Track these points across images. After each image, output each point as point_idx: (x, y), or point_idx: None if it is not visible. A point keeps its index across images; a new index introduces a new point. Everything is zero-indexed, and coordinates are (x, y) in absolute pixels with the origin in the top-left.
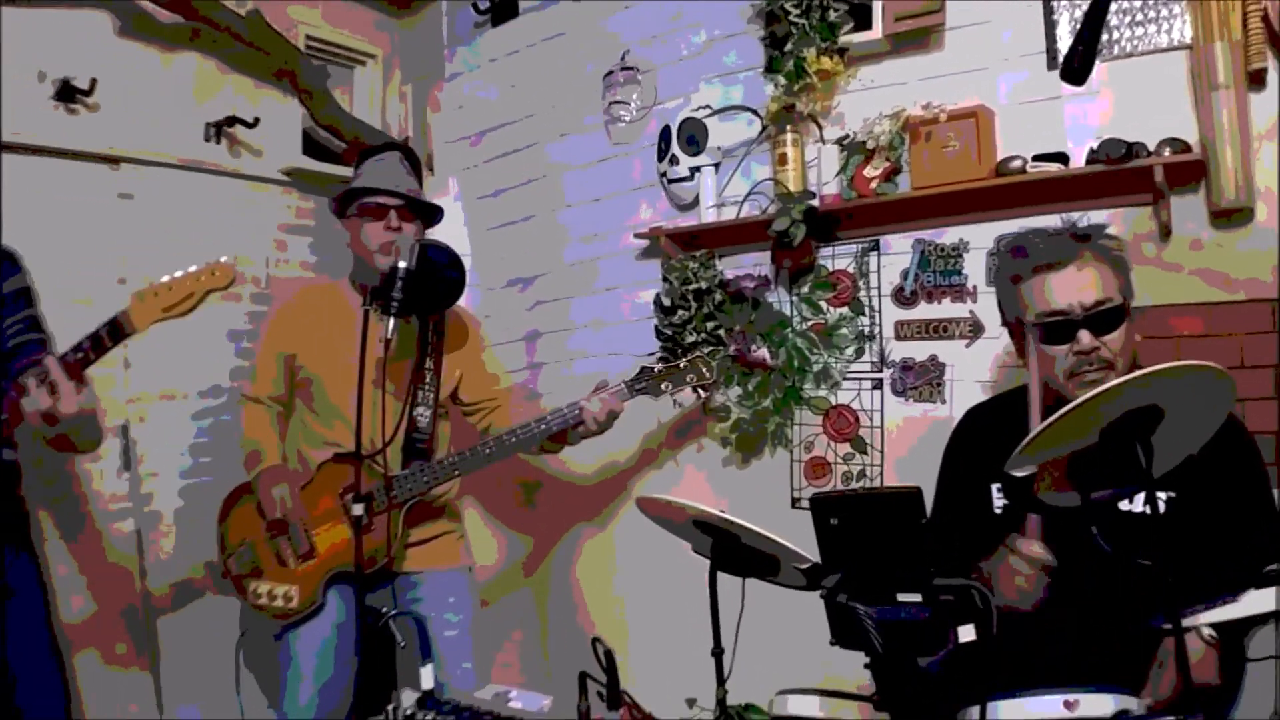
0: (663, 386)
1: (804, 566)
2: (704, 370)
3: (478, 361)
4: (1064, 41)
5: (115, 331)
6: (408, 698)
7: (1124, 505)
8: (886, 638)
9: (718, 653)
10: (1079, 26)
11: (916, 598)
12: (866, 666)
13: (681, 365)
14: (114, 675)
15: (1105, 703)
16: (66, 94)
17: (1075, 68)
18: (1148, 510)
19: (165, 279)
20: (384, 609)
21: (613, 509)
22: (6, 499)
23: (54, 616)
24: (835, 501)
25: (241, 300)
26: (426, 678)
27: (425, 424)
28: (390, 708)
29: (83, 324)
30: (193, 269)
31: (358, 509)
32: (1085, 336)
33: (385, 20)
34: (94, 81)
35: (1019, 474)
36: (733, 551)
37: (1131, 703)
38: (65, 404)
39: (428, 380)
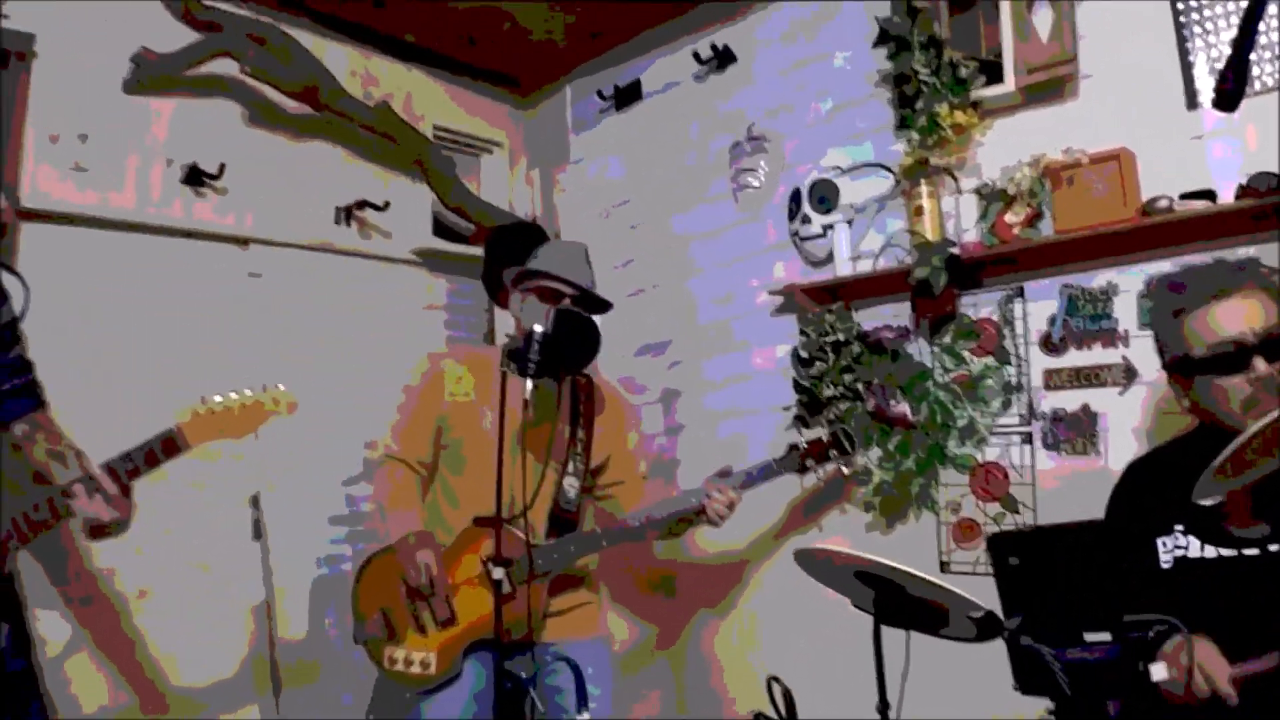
0: (807, 464)
1: (977, 615)
2: (846, 444)
3: (624, 441)
4: (1201, 82)
5: (168, 448)
6: None
7: None
8: (1075, 680)
9: (883, 709)
10: (1229, 51)
11: (1106, 636)
12: (1051, 713)
13: (825, 440)
14: None
15: None
16: (194, 178)
17: (1228, 91)
18: None
19: (220, 399)
20: (522, 674)
21: (752, 576)
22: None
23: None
24: (1016, 539)
25: None
26: None
27: (574, 495)
28: None
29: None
30: (248, 393)
31: (498, 573)
32: (1261, 364)
33: (510, 110)
34: (222, 166)
35: (1206, 503)
36: (898, 603)
37: None
38: (121, 514)
39: (579, 450)
